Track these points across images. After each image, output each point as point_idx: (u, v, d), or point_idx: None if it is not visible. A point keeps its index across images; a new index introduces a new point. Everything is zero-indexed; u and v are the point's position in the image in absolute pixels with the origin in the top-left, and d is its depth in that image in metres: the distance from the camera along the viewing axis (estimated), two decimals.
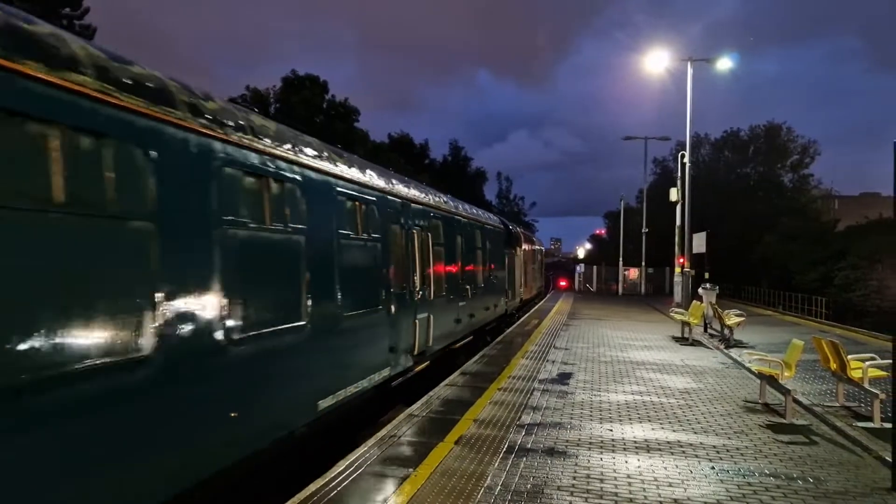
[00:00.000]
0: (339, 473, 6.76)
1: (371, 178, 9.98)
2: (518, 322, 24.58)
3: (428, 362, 12.73)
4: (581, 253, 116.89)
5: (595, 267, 65.82)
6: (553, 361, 14.80)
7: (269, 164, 6.71)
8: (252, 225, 6.30)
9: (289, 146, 7.29)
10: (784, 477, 7.07)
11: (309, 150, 7.88)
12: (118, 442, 4.55)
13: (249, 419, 6.08)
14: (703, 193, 42.31)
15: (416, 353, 11.60)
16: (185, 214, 5.34)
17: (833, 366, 10.74)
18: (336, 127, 48.56)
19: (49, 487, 4.02)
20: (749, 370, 13.78)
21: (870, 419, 9.70)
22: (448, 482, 6.59)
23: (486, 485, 6.54)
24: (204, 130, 5.61)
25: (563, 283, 65.04)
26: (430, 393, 10.91)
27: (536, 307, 33.44)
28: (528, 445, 8.01)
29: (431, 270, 13.00)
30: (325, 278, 7.91)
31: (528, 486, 6.57)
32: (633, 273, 56.12)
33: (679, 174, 32.17)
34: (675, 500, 6.29)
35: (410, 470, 6.93)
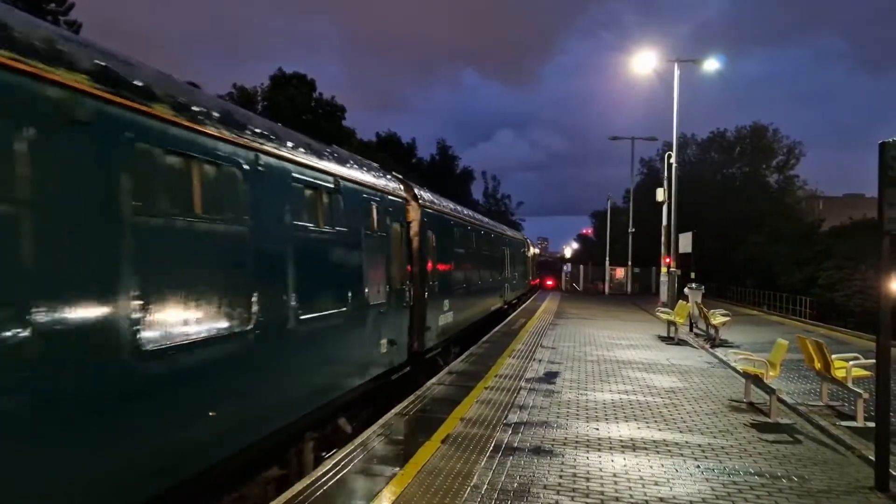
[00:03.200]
0: (326, 472, 6.73)
1: (507, 231, 34.10)
2: (505, 321, 24.60)
3: (506, 306, 29.23)
4: (568, 252, 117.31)
5: (582, 266, 66.08)
6: (540, 360, 14.82)
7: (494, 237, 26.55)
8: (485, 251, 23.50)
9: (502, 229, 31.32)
10: (769, 475, 7.12)
11: (499, 229, 29.53)
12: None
13: (479, 306, 21.50)
14: (690, 194, 42.51)
15: (504, 301, 28.41)
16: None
17: (817, 365, 10.82)
18: (322, 125, 48.37)
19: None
20: (734, 369, 13.85)
21: (853, 418, 9.78)
22: (435, 481, 6.58)
23: (472, 483, 6.54)
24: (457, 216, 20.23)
25: (549, 283, 65.12)
26: (418, 392, 10.90)
27: (523, 306, 33.50)
28: (515, 444, 8.01)
29: (507, 266, 30.02)
30: (496, 271, 26.21)
31: (515, 484, 6.57)
32: (620, 273, 56.35)
33: (665, 174, 32.32)
34: (661, 499, 6.31)
35: (397, 469, 6.91)
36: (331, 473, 6.71)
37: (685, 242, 27.22)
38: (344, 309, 8.58)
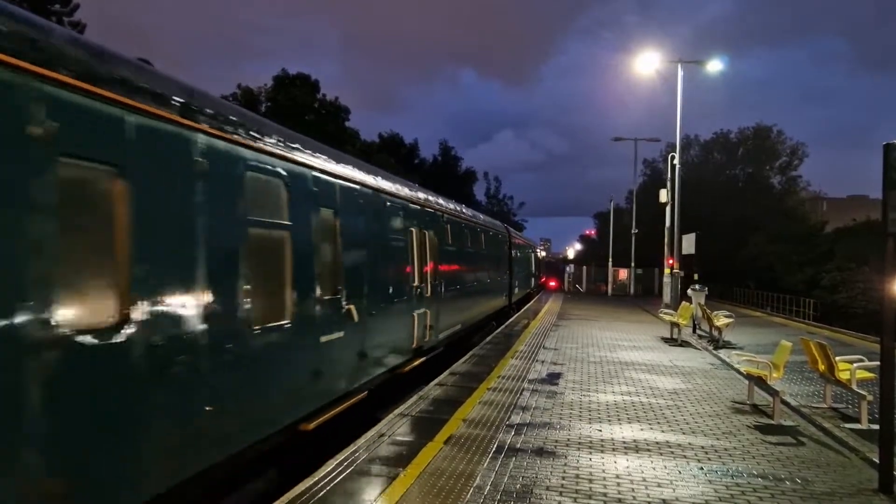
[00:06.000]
0: (329, 473, 6.73)
1: (530, 241, 52.04)
2: (507, 322, 24.60)
3: (532, 291, 44.61)
4: (571, 253, 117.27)
5: (584, 267, 66.05)
6: (542, 362, 14.81)
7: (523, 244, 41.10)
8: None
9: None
10: (772, 477, 7.10)
11: (529, 241, 49.41)
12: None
13: (524, 289, 38.55)
14: (693, 195, 42.45)
15: (530, 288, 43.73)
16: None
17: (821, 367, 10.80)
18: (326, 126, 48.39)
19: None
20: (737, 371, 13.84)
21: (857, 420, 9.76)
22: (437, 482, 6.58)
23: (475, 485, 6.53)
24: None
25: (552, 284, 65.07)
26: (420, 392, 10.90)
27: (526, 307, 33.50)
28: (518, 445, 8.00)
29: (533, 267, 45.79)
30: (529, 270, 42.46)
31: (518, 486, 6.57)
32: (623, 274, 56.33)
33: (668, 176, 32.27)
34: (664, 501, 6.30)
35: (400, 469, 6.90)
36: (333, 474, 6.71)
37: (688, 244, 27.19)
38: (499, 279, 24.67)
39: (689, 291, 23.48)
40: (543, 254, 62.27)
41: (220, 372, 5.50)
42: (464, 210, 18.99)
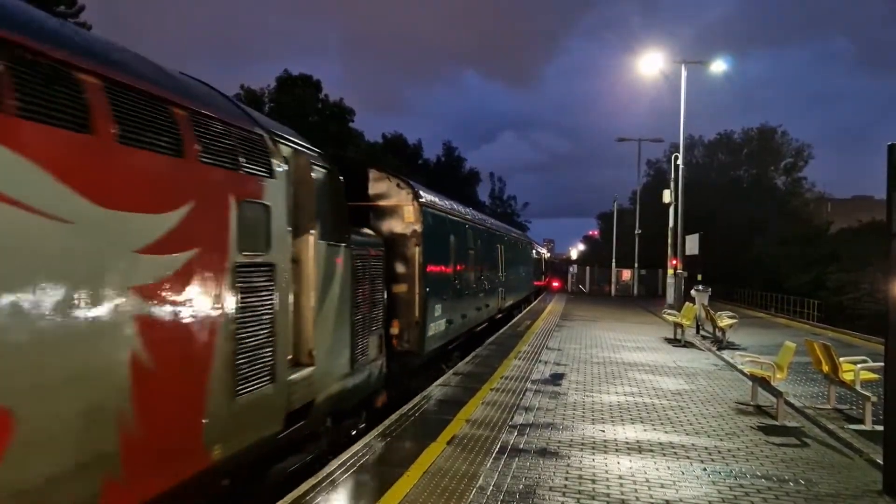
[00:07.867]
0: (330, 473, 6.73)
1: (538, 244, 62.53)
2: (510, 323, 24.60)
3: (542, 284, 53.86)
4: (574, 254, 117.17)
5: (588, 268, 66.00)
6: (545, 362, 14.80)
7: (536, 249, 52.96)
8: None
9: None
10: (775, 479, 7.08)
11: (538, 246, 59.90)
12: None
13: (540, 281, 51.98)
14: (696, 195, 42.37)
15: (541, 281, 50.93)
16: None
17: (825, 368, 10.77)
18: (329, 127, 48.41)
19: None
20: (741, 372, 13.81)
21: (861, 422, 9.72)
22: (440, 482, 6.57)
23: (478, 485, 6.53)
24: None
25: (555, 285, 65.03)
26: (423, 393, 10.90)
27: (529, 307, 33.50)
28: (521, 446, 8.00)
29: (542, 266, 55.52)
30: (540, 269, 53.62)
31: (521, 486, 6.56)
32: (626, 274, 56.29)
33: (672, 176, 32.23)
34: (667, 502, 6.28)
35: (402, 470, 6.90)
36: (336, 474, 6.71)
37: (692, 244, 27.16)
38: (527, 274, 35.57)
39: (693, 292, 23.44)
40: (547, 254, 65.57)
41: (469, 298, 16.52)
42: (513, 230, 33.94)
